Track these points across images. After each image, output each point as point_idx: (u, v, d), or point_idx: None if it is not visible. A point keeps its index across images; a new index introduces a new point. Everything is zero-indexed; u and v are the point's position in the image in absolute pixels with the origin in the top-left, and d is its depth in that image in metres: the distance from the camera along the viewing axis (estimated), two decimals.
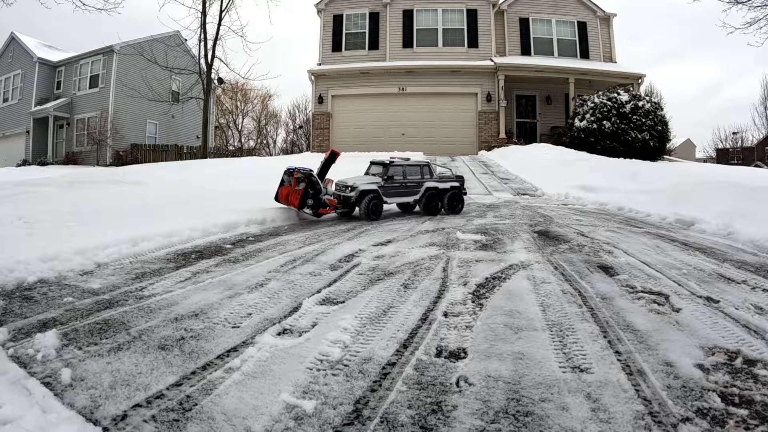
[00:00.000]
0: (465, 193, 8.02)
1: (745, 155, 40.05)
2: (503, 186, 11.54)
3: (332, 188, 7.20)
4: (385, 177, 7.32)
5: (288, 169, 6.87)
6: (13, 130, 23.98)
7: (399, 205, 7.83)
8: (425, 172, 7.72)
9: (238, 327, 2.75)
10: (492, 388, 2.07)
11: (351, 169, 8.26)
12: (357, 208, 7.18)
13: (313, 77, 18.81)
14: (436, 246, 5.05)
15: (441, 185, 7.71)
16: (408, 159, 8.03)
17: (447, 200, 7.69)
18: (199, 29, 18.84)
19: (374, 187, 7.15)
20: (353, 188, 7.02)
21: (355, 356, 2.38)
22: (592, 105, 15.74)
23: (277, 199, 6.93)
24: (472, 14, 18.70)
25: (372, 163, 7.86)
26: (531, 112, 19.33)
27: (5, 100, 24.86)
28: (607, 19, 19.35)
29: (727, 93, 61.23)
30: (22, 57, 24.06)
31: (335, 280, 3.73)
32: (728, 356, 2.37)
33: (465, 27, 18.71)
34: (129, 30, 30.37)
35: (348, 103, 18.75)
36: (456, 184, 7.84)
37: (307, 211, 6.78)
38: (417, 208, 7.86)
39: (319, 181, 6.79)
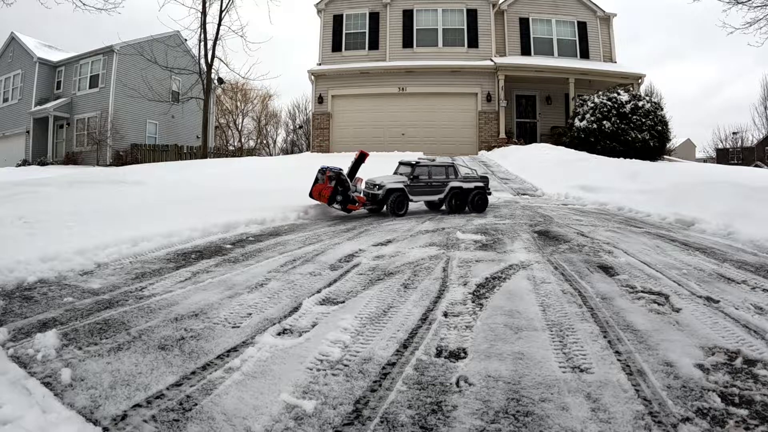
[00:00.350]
0: (489, 193, 8.30)
1: (745, 155, 40.06)
2: (503, 186, 11.53)
3: (362, 186, 7.64)
4: (411, 176, 7.68)
5: (321, 168, 7.33)
6: (13, 130, 23.99)
7: (426, 203, 8.23)
8: (450, 172, 8.04)
9: (238, 327, 2.74)
10: (492, 388, 2.07)
11: (376, 168, 8.48)
12: (385, 206, 7.56)
13: (313, 77, 18.81)
14: (436, 246, 5.05)
15: (465, 185, 8.00)
16: (434, 160, 8.43)
17: (471, 199, 7.99)
18: (199, 29, 18.87)
19: (400, 185, 7.55)
20: (381, 186, 7.43)
21: (355, 356, 2.38)
22: (592, 105, 15.73)
23: (311, 195, 7.28)
24: (472, 14, 18.70)
25: (400, 163, 8.23)
26: (531, 112, 19.32)
27: (5, 100, 24.87)
28: (607, 19, 19.35)
29: (727, 93, 61.39)
30: (22, 57, 24.07)
31: (335, 280, 3.73)
32: (728, 356, 2.37)
33: (465, 27, 18.71)
34: (129, 30, 30.43)
35: (348, 103, 18.74)
36: (480, 184, 8.13)
37: (337, 206, 7.20)
38: (443, 207, 8.17)
39: (348, 180, 7.22)
